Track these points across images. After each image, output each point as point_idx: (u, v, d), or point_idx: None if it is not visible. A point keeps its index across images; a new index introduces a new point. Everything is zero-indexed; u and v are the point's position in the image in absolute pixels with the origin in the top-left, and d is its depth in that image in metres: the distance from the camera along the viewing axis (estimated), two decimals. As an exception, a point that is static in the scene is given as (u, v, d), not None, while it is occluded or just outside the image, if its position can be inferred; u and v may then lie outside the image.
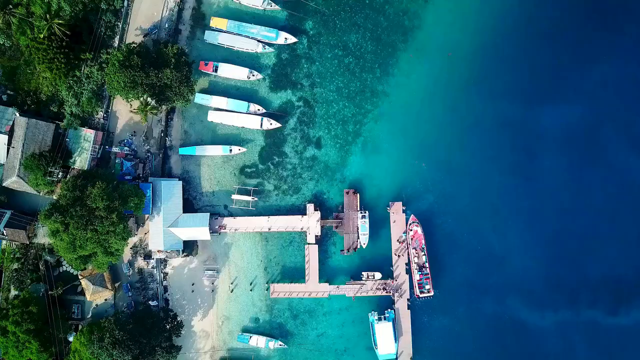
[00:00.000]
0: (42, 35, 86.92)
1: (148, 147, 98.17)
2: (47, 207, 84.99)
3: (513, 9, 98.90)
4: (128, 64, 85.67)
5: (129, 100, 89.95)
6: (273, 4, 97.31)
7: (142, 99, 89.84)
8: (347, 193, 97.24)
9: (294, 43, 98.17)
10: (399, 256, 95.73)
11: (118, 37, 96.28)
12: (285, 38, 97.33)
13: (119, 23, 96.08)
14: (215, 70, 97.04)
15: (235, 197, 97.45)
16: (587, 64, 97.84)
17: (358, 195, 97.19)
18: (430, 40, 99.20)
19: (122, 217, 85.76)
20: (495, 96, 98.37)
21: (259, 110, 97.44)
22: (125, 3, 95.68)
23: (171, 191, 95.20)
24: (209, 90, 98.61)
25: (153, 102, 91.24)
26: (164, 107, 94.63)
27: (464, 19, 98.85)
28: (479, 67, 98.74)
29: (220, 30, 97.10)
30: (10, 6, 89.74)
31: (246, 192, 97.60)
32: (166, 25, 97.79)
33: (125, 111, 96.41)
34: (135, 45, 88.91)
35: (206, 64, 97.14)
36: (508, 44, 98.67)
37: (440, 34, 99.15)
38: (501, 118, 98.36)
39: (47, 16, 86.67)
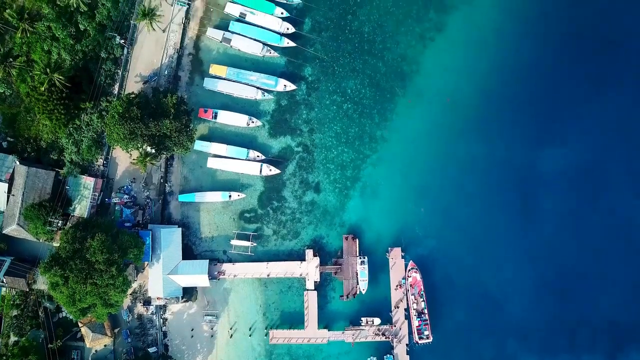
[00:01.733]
0: (42, 88, 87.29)
1: (147, 193, 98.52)
2: (47, 259, 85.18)
3: (511, 53, 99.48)
4: (127, 116, 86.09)
5: (129, 150, 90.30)
6: (272, 51, 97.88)
7: (141, 149, 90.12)
8: (346, 239, 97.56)
9: (293, 90, 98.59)
10: (398, 307, 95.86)
11: (118, 84, 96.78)
12: (285, 85, 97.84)
13: (118, 71, 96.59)
14: (215, 117, 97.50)
15: (234, 242, 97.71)
16: (585, 107, 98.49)
17: (357, 240, 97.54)
18: (429, 85, 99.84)
19: (122, 270, 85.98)
20: (493, 140, 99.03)
21: (258, 156, 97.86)
22: (125, 51, 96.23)
23: (170, 238, 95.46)
24: (208, 137, 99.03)
25: (152, 152, 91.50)
26: (163, 155, 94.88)
27: (462, 64, 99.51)
28: (477, 112, 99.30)
29: (220, 78, 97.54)
30: (11, 59, 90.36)
31: (245, 237, 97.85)
32: (166, 72, 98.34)
33: (124, 158, 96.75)
34: (134, 96, 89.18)
35: (205, 111, 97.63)
36: (506, 88, 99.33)
37: (439, 80, 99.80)
38: (500, 162, 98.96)
39: (47, 70, 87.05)
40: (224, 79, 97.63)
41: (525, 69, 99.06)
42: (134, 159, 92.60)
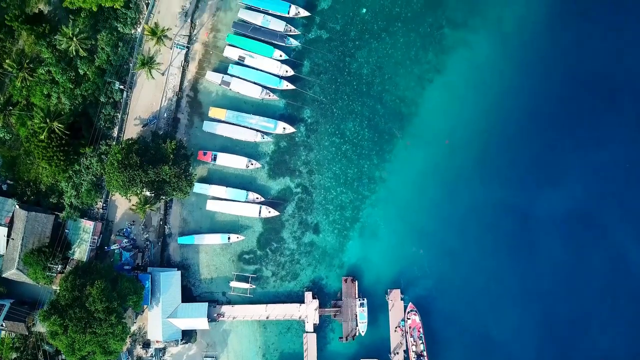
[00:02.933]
0: (42, 136, 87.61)
1: (147, 235, 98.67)
2: (46, 307, 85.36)
3: (509, 95, 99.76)
4: (127, 163, 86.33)
5: (128, 196, 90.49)
6: (271, 94, 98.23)
7: (140, 195, 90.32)
8: (346, 281, 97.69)
9: (293, 133, 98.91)
10: (398, 352, 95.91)
11: (117, 127, 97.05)
12: (284, 128, 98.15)
13: (118, 114, 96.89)
14: (214, 159, 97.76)
15: (233, 284, 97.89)
16: (584, 150, 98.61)
17: (356, 282, 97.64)
18: (427, 127, 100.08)
19: (121, 318, 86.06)
20: (492, 182, 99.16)
21: (257, 198, 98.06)
22: (125, 94, 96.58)
23: (170, 282, 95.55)
24: (207, 178, 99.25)
25: (151, 197, 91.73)
26: (162, 200, 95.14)
27: (460, 106, 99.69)
28: (476, 154, 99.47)
29: (219, 121, 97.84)
30: (10, 107, 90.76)
31: (244, 279, 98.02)
32: (165, 115, 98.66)
33: (124, 200, 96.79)
34: (133, 142, 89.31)
35: (205, 154, 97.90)
36: (505, 130, 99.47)
37: (437, 121, 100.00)
38: (499, 203, 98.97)
39: (47, 120, 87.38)
40: (223, 121, 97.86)
41: (524, 112, 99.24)
42: (133, 205, 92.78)
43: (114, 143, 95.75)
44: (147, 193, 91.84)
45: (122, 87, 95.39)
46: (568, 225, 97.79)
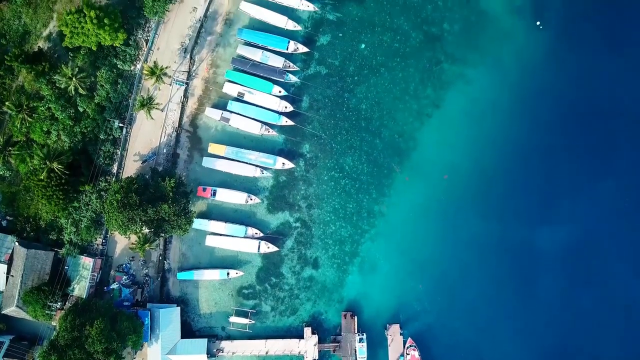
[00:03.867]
0: (41, 176, 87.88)
1: (146, 270, 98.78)
2: (45, 347, 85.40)
3: (508, 130, 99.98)
4: (126, 202, 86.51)
5: (127, 235, 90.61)
6: (270, 130, 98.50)
7: (139, 234, 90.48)
8: (345, 316, 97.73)
9: (292, 168, 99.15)
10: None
11: (117, 164, 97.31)
12: (283, 163, 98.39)
13: (117, 151, 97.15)
14: (214, 195, 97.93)
15: (232, 319, 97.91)
16: (583, 185, 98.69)
17: (356, 318, 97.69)
18: (426, 162, 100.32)
19: (120, 359, 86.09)
20: (491, 217, 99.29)
21: (256, 234, 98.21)
22: (124, 131, 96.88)
23: (169, 318, 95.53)
24: (206, 214, 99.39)
25: (151, 235, 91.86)
26: (161, 237, 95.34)
27: (459, 140, 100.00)
28: (475, 189, 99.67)
29: (219, 157, 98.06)
30: (10, 148, 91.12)
31: (244, 314, 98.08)
32: (164, 151, 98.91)
33: (123, 236, 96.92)
34: (132, 181, 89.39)
35: (204, 190, 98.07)
36: (504, 165, 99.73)
37: (436, 156, 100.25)
38: (498, 238, 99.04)
39: (47, 161, 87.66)
40: (223, 157, 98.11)
41: (523, 146, 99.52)
42: (133, 243, 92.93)
43: (114, 179, 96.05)
44: (147, 231, 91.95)
45: (121, 125, 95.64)
46: (567, 261, 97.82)
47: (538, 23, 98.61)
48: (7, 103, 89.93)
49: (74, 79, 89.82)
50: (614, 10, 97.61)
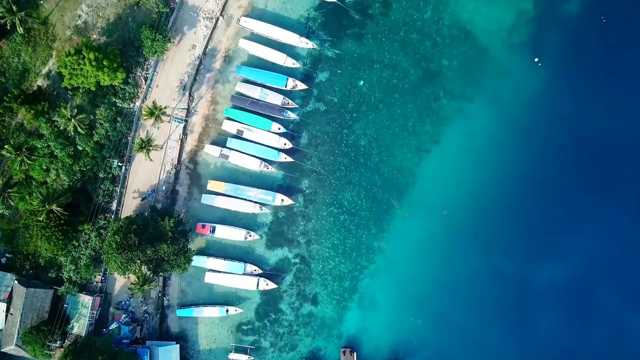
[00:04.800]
0: (40, 217, 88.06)
1: (146, 307, 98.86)
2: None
3: (508, 166, 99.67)
4: (125, 243, 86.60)
5: (127, 275, 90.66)
6: (269, 167, 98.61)
7: (138, 275, 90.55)
8: (344, 352, 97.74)
9: (291, 205, 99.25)
10: None
11: (116, 201, 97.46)
12: (282, 200, 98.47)
13: (116, 188, 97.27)
14: (213, 232, 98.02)
15: (232, 356, 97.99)
16: (583, 221, 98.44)
17: (355, 354, 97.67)
18: (425, 197, 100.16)
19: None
20: (491, 253, 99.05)
21: (255, 270, 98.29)
22: (123, 169, 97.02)
23: (168, 356, 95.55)
24: (205, 250, 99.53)
25: (150, 274, 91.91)
26: (161, 276, 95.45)
27: (458, 176, 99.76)
28: (474, 224, 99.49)
29: (218, 194, 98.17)
30: (9, 190, 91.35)
31: (243, 350, 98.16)
32: (163, 188, 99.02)
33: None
34: (131, 221, 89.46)
35: (203, 227, 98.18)
36: (503, 201, 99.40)
37: (435, 192, 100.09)
38: (497, 274, 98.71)
39: (46, 204, 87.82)
40: (222, 194, 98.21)
41: (523, 182, 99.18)
42: (132, 283, 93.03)
43: (113, 218, 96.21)
44: (146, 270, 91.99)
45: (120, 164, 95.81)
46: (568, 297, 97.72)
47: (536, 60, 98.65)
48: (6, 146, 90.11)
49: (72, 120, 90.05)
50: (612, 49, 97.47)
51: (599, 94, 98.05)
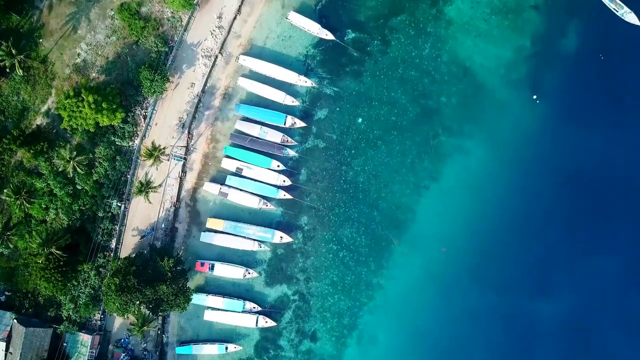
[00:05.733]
0: (40, 260, 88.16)
1: (145, 345, 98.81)
2: None
3: (506, 202, 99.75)
4: (125, 285, 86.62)
5: (126, 316, 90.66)
6: (268, 204, 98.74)
7: (137, 316, 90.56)
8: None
9: (290, 242, 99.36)
10: None
11: (115, 239, 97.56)
12: (281, 237, 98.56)
13: (116, 226, 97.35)
14: (212, 269, 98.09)
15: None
16: (582, 258, 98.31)
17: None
18: (424, 234, 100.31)
19: None
20: (490, 289, 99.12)
21: (254, 308, 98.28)
22: (122, 207, 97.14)
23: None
24: (204, 287, 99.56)
25: (149, 314, 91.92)
26: (160, 316, 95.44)
27: (457, 213, 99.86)
28: (473, 261, 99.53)
29: (217, 231, 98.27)
30: (8, 232, 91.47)
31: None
32: (163, 225, 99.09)
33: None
34: (130, 262, 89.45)
35: (202, 264, 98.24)
36: (502, 237, 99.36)
37: (434, 228, 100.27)
38: (496, 311, 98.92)
39: (45, 247, 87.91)
40: (221, 232, 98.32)
41: (522, 219, 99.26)
42: (131, 324, 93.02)
43: (112, 257, 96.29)
44: (145, 310, 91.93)
45: (119, 204, 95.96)
46: (568, 334, 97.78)
47: (535, 97, 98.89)
48: (5, 190, 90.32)
49: (72, 162, 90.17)
50: (610, 86, 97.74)
51: (597, 131, 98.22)
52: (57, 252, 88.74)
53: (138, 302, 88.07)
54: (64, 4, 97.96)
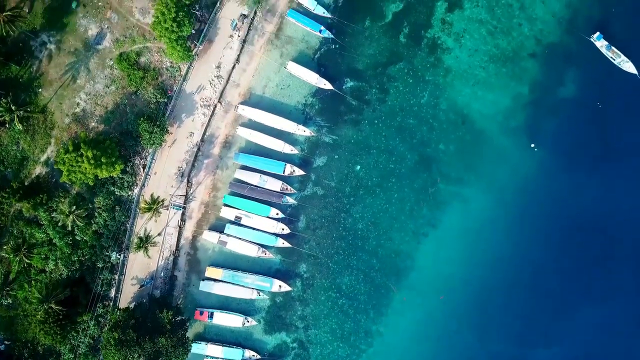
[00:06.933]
0: (39, 316, 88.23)
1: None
2: None
3: (504, 250, 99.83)
4: (124, 339, 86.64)
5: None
6: (267, 252, 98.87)
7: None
8: None
9: (289, 291, 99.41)
10: None
11: (114, 288, 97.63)
12: (280, 286, 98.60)
13: (115, 276, 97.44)
14: (211, 317, 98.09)
15: None
16: (581, 306, 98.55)
17: None
18: (423, 281, 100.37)
19: None
20: (488, 337, 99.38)
21: (253, 356, 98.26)
22: (122, 257, 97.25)
23: None
24: (204, 335, 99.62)
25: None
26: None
27: (456, 260, 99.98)
28: (472, 308, 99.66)
29: (216, 280, 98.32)
30: (8, 288, 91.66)
31: None
32: (162, 274, 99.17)
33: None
34: (130, 315, 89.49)
35: (201, 313, 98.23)
36: (500, 284, 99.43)
37: (433, 275, 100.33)
38: (496, 358, 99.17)
39: (44, 304, 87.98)
40: (220, 280, 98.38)
41: (520, 266, 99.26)
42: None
43: (111, 305, 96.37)
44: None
45: (118, 256, 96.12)
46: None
47: (532, 145, 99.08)
48: (5, 247, 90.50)
49: (71, 215, 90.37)
50: (608, 134, 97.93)
51: (595, 179, 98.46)
52: (56, 307, 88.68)
53: (137, 356, 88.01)
54: (63, 54, 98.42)
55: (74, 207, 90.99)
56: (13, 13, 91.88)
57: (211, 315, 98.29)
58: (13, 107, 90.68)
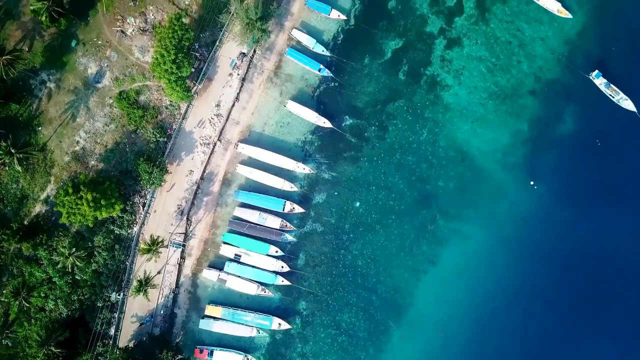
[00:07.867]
0: (38, 358, 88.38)
1: None
2: None
3: (504, 286, 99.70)
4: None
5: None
6: (267, 290, 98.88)
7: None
8: None
9: (288, 329, 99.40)
10: None
11: (114, 327, 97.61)
12: (279, 324, 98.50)
13: (115, 314, 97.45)
14: (211, 355, 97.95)
15: None
16: (581, 342, 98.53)
17: None
18: (422, 318, 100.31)
19: None
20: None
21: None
22: (122, 295, 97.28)
23: None
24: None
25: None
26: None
27: (455, 296, 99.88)
28: (471, 345, 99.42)
29: (215, 318, 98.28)
30: (7, 331, 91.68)
31: None
32: (162, 312, 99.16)
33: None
34: (130, 354, 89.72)
35: (201, 351, 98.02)
36: (500, 321, 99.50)
37: (432, 312, 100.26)
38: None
39: (44, 349, 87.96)
40: (220, 318, 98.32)
41: (520, 302, 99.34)
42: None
43: (111, 344, 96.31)
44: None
45: (118, 296, 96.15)
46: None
47: (532, 183, 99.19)
48: (4, 292, 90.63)
49: (71, 257, 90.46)
50: (607, 172, 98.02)
51: (595, 217, 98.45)
52: (56, 350, 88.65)
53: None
54: (63, 92, 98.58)
55: (74, 248, 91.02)
56: (12, 56, 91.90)
57: (211, 353, 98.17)
58: (13, 150, 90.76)
